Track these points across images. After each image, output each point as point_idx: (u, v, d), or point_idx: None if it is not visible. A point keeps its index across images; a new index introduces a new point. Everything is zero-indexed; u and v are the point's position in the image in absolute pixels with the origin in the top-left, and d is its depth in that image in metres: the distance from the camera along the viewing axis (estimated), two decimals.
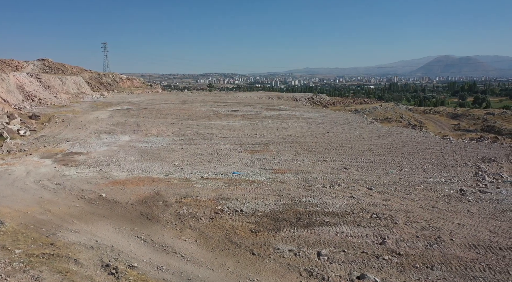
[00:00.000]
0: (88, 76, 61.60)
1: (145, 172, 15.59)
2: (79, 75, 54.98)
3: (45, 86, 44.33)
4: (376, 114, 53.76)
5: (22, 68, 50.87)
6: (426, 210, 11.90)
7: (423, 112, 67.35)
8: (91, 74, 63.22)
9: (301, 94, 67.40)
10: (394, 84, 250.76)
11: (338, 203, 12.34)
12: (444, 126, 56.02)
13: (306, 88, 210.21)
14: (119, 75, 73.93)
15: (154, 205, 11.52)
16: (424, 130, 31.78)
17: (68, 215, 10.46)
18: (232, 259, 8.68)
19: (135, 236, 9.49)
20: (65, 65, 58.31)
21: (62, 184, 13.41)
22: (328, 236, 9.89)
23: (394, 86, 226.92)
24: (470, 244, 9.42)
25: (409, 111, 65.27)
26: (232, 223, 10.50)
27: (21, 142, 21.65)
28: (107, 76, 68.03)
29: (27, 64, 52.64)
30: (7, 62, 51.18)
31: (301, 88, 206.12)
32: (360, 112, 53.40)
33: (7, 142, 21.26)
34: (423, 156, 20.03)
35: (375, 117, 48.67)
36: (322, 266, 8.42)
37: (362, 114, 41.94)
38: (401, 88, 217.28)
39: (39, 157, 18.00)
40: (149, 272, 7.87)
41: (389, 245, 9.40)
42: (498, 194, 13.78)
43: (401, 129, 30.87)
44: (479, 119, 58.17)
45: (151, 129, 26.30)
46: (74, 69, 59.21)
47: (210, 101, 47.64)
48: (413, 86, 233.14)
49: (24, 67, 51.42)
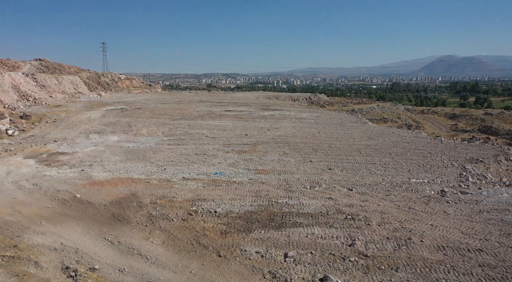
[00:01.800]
0: (86, 76, 61.67)
1: (126, 172, 15.55)
2: (76, 75, 55.04)
3: (41, 86, 44.40)
4: (373, 115, 53.66)
5: (19, 68, 50.97)
6: (402, 211, 11.80)
7: (421, 112, 67.22)
8: (89, 74, 63.30)
9: (298, 94, 67.29)
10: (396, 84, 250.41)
11: (314, 204, 12.24)
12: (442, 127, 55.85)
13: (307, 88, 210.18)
14: (117, 75, 74.01)
15: (127, 206, 11.47)
16: (416, 130, 31.63)
17: (38, 216, 10.41)
18: (197, 261, 8.61)
19: (102, 237, 9.43)
20: (62, 65, 58.42)
21: (39, 185, 13.37)
22: (298, 237, 9.80)
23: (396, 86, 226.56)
24: (439, 246, 9.32)
25: (407, 112, 65.15)
26: (204, 224, 10.43)
27: (8, 142, 21.66)
28: (105, 76, 68.12)
29: (24, 64, 52.76)
30: (4, 62, 51.33)
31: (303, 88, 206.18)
32: (357, 112, 53.27)
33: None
34: (411, 156, 19.91)
35: (371, 118, 48.52)
36: (287, 268, 8.35)
37: (358, 114, 41.77)
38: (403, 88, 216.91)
39: (23, 157, 17.99)
40: (109, 275, 7.80)
41: (358, 246, 9.31)
42: (478, 195, 13.66)
43: (393, 129, 30.70)
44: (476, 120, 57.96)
45: (141, 129, 26.27)
46: (72, 69, 59.32)
47: (206, 101, 47.60)
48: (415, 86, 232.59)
49: (21, 67, 51.53)
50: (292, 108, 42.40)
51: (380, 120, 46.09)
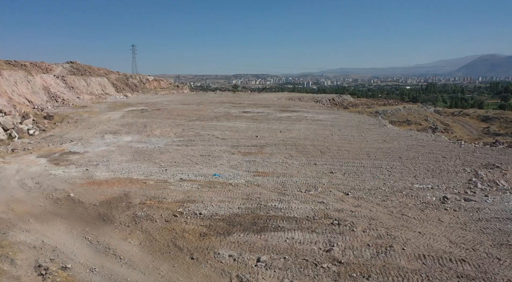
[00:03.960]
0: (115, 77, 63.72)
1: (127, 172, 15.91)
2: (104, 77, 57.02)
3: (70, 87, 46.32)
4: (398, 117, 52.25)
5: (52, 70, 53.36)
6: (393, 218, 11.40)
7: (452, 114, 64.66)
8: (118, 76, 65.37)
9: (322, 95, 66.47)
10: (432, 84, 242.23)
11: (304, 208, 12.06)
12: (473, 129, 53.58)
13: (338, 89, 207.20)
14: (146, 76, 75.96)
15: (116, 206, 11.74)
16: (436, 134, 30.42)
17: (28, 214, 10.85)
18: (169, 263, 8.69)
19: (83, 237, 9.70)
20: (92, 67, 60.65)
21: (41, 183, 13.94)
22: (276, 242, 9.69)
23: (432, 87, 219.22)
24: (420, 254, 8.96)
25: (436, 114, 62.87)
26: (185, 226, 10.52)
27: (28, 141, 22.72)
28: (133, 78, 70.10)
29: (57, 66, 55.17)
30: (38, 64, 53.89)
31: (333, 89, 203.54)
32: (381, 114, 52.05)
33: (14, 141, 22.40)
34: (422, 160, 19.20)
35: (394, 120, 47.30)
36: (255, 273, 8.28)
37: (379, 116, 40.70)
38: (439, 89, 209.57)
39: (36, 156, 18.81)
40: (79, 274, 8.02)
41: (334, 252, 9.10)
42: (482, 202, 12.98)
43: (412, 132, 29.68)
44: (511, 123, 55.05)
45: (155, 130, 26.82)
46: (101, 71, 61.46)
47: (226, 103, 47.96)
48: (452, 87, 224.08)
49: (54, 69, 53.92)
50: (311, 110, 41.94)
51: (404, 122, 44.78)
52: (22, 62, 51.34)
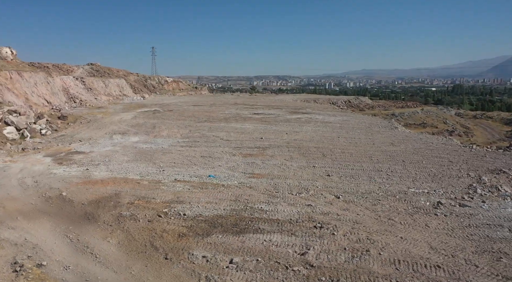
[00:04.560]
0: (134, 79, 65.07)
1: (125, 172, 16.24)
2: (122, 78, 58.33)
3: (88, 88, 47.61)
4: (415, 119, 51.08)
5: (72, 72, 55.02)
6: (379, 222, 11.21)
7: (474, 117, 62.77)
8: (136, 77, 66.72)
9: (338, 97, 65.76)
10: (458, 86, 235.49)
11: (289, 210, 12.01)
12: (495, 133, 51.79)
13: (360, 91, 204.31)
14: (164, 78, 77.22)
15: (104, 205, 12.01)
16: (448, 137, 29.56)
17: (18, 212, 11.26)
18: (142, 262, 8.84)
19: (65, 235, 9.99)
20: (111, 69, 62.15)
21: (39, 182, 14.42)
22: (253, 244, 9.70)
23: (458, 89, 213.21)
24: (395, 260, 8.80)
25: (456, 116, 61.14)
26: (166, 226, 10.66)
27: (39, 141, 23.51)
28: (152, 79, 71.39)
29: (77, 68, 56.83)
30: (60, 66, 55.69)
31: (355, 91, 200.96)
32: (397, 116, 51.04)
33: (26, 140, 23.23)
34: (426, 164, 18.75)
35: (410, 122, 46.30)
36: (225, 274, 8.32)
37: (392, 119, 39.93)
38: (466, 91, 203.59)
39: (43, 155, 19.45)
40: (52, 272, 8.26)
41: (309, 256, 9.03)
42: (477, 208, 12.59)
43: (423, 135, 28.99)
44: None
45: (163, 131, 27.24)
46: (120, 73, 62.91)
47: (240, 104, 48.15)
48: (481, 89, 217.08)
49: (74, 71, 55.58)
50: (323, 112, 41.57)
51: (419, 125, 43.74)
52: (45, 64, 53.18)
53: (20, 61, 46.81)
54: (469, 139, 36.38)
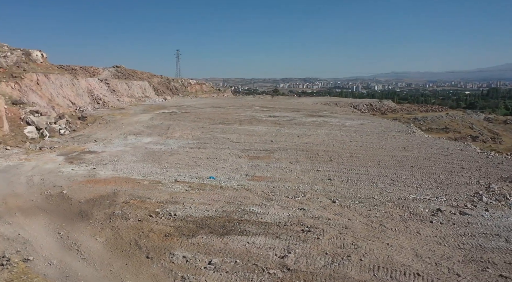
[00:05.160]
0: (157, 81, 66.52)
1: (129, 172, 16.66)
2: (146, 80, 59.75)
3: (111, 90, 49.08)
4: (438, 123, 49.59)
5: (98, 74, 56.91)
6: (369, 228, 11.02)
7: (504, 122, 60.16)
8: (160, 80, 68.17)
9: (361, 100, 64.68)
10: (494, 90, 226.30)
11: (280, 214, 11.99)
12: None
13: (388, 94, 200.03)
14: (188, 80, 78.48)
15: (99, 204, 12.38)
16: (466, 143, 28.50)
17: (17, 208, 11.78)
18: (124, 260, 9.08)
19: (57, 231, 10.38)
20: (135, 71, 63.81)
21: (45, 180, 15.02)
22: (236, 245, 9.76)
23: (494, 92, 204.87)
24: (374, 266, 8.65)
25: (485, 121, 58.82)
26: (154, 226, 10.88)
27: (56, 140, 24.47)
28: (175, 81, 72.71)
29: (103, 70, 58.70)
30: (87, 68, 57.75)
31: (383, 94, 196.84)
32: (420, 120, 49.76)
33: (44, 140, 24.23)
34: (435, 170, 18.24)
35: (432, 127, 45.03)
36: (201, 275, 8.44)
37: (410, 123, 38.95)
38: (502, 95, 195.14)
39: (57, 154, 20.24)
40: (37, 266, 8.62)
41: (288, 259, 9.02)
42: (478, 216, 12.16)
43: (440, 140, 28.08)
44: None
45: (176, 132, 27.72)
46: (144, 75, 64.47)
47: (258, 106, 48.27)
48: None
49: (100, 73, 57.45)
50: (341, 115, 41.07)
51: (441, 130, 42.42)
52: (73, 67, 55.30)
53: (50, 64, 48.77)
54: (490, 145, 34.91)
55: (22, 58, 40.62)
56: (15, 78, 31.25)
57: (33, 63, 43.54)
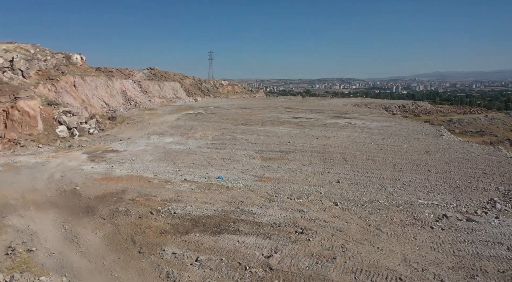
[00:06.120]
0: (189, 82, 68.16)
1: (143, 171, 17.35)
2: (177, 82, 61.41)
3: (144, 91, 50.89)
4: (475, 126, 47.39)
5: (133, 76, 59.14)
6: (364, 231, 10.93)
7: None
8: (192, 81, 69.80)
9: (394, 101, 63.04)
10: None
11: (278, 214, 12.12)
12: None
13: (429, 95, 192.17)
14: (220, 81, 79.74)
15: (107, 200, 13.05)
16: (498, 147, 27.05)
17: (32, 202, 12.67)
18: (117, 254, 9.60)
19: (62, 225, 11.10)
20: (168, 72, 65.72)
21: (64, 176, 15.98)
22: (225, 244, 10.02)
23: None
24: (357, 269, 8.65)
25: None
26: (152, 223, 11.35)
27: (85, 139, 25.82)
28: (207, 82, 74.13)
29: (138, 72, 60.94)
30: (122, 70, 60.19)
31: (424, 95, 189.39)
32: (455, 123, 47.81)
33: (74, 139, 25.65)
34: (453, 175, 17.62)
35: (467, 130, 43.12)
36: (185, 271, 8.79)
37: (440, 125, 37.53)
38: None
39: (82, 153, 21.39)
40: (37, 257, 9.31)
41: (273, 259, 9.19)
42: (485, 223, 11.72)
43: (468, 144, 26.87)
44: None
45: (198, 132, 28.39)
46: (177, 76, 66.26)
47: (285, 107, 48.29)
48: None
49: (135, 74, 59.67)
50: (368, 117, 40.26)
51: (476, 133, 40.45)
52: (109, 69, 57.82)
53: (88, 67, 51.31)
54: None
55: (63, 61, 43.07)
56: (52, 81, 33.24)
57: (73, 66, 45.98)
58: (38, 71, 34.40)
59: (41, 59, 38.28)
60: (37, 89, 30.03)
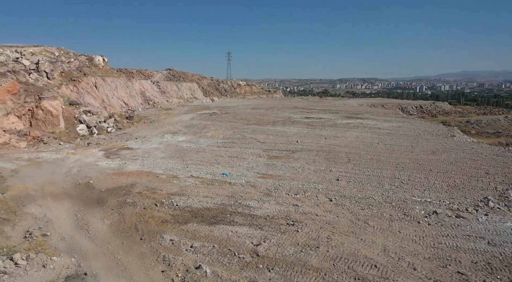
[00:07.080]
0: (207, 82, 69.56)
1: (153, 167, 18.44)
2: (195, 82, 62.88)
3: (162, 92, 52.49)
4: (493, 127, 46.59)
5: (152, 76, 60.99)
6: (352, 225, 11.59)
7: None
8: (210, 81, 71.20)
9: (412, 102, 62.49)
10: None
11: (273, 208, 12.89)
12: None
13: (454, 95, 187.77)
14: (237, 82, 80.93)
15: (116, 193, 14.13)
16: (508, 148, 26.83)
17: (50, 194, 13.87)
18: (121, 240, 10.59)
19: (75, 214, 12.21)
20: (186, 73, 67.31)
21: (80, 171, 17.23)
22: (219, 233, 10.88)
23: None
24: (337, 257, 9.36)
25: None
26: (156, 213, 12.33)
27: (103, 137, 27.25)
28: (224, 83, 75.42)
29: (157, 73, 62.78)
30: (142, 71, 62.14)
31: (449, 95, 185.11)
32: (473, 124, 47.16)
33: (93, 137, 27.11)
34: (454, 175, 17.97)
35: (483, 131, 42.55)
36: (180, 255, 9.69)
37: (455, 126, 37.31)
38: None
39: (99, 150, 22.72)
40: (51, 240, 10.40)
41: (261, 247, 9.98)
42: (472, 220, 12.22)
43: (477, 145, 26.87)
44: None
45: (210, 131, 29.43)
46: (195, 77, 67.79)
47: (299, 108, 48.86)
48: None
49: (154, 75, 61.51)
50: (381, 117, 40.40)
51: (492, 134, 39.84)
52: (130, 70, 59.79)
53: (109, 68, 53.33)
54: None
55: (86, 63, 45.06)
56: (74, 82, 34.99)
57: (95, 67, 47.94)
58: (62, 73, 36.23)
59: (64, 61, 40.22)
60: (60, 90, 31.76)
